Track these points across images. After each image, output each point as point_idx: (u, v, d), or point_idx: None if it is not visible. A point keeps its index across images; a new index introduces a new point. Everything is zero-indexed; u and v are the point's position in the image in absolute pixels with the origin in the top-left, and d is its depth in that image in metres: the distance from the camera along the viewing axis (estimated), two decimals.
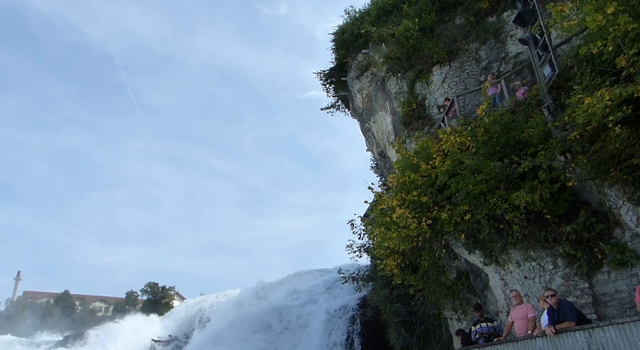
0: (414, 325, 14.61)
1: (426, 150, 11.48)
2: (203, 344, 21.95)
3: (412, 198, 10.80)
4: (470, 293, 11.75)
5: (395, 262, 12.16)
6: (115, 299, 75.13)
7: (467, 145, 10.42)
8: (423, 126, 15.35)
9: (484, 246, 9.80)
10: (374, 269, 16.77)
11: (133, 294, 69.22)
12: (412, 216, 10.63)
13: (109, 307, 73.85)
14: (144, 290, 68.40)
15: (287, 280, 28.35)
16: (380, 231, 11.51)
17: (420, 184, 10.97)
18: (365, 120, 21.26)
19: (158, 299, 65.10)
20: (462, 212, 9.86)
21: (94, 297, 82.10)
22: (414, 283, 12.24)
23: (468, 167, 9.77)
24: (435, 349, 13.45)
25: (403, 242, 10.91)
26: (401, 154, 12.24)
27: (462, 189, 9.84)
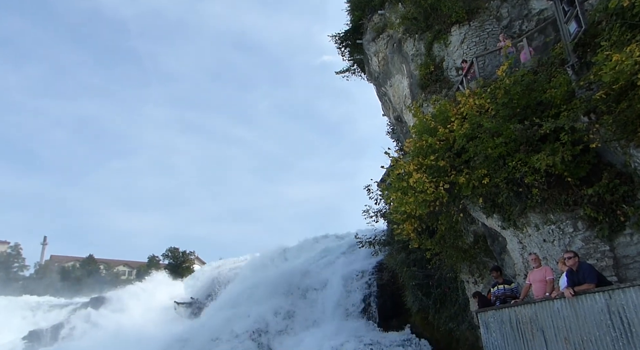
0: (430, 288, 14.77)
1: (444, 113, 11.23)
2: (223, 306, 22.63)
3: (429, 162, 10.68)
4: (487, 257, 11.76)
5: (412, 226, 12.17)
6: (138, 263, 77.70)
7: (487, 107, 10.16)
8: (441, 89, 14.97)
9: (502, 210, 9.71)
10: (391, 234, 16.86)
11: (155, 259, 71.41)
12: (429, 180, 10.55)
13: (132, 271, 76.49)
14: (165, 254, 70.51)
15: (305, 244, 28.75)
16: (397, 196, 11.47)
17: (438, 148, 10.81)
18: (381, 84, 20.85)
19: (179, 263, 67.10)
20: (481, 175, 9.73)
21: (118, 261, 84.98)
22: (430, 247, 12.26)
23: (487, 130, 9.55)
24: (452, 311, 13.62)
25: (420, 206, 10.88)
26: (418, 118, 12.02)
27: (480, 152, 9.67)
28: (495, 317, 8.50)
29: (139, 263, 76.27)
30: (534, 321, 7.38)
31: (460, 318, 13.22)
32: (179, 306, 31.91)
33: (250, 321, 18.19)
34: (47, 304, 38.21)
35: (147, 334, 25.24)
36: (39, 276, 66.35)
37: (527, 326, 7.54)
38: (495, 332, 8.45)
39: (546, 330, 7.14)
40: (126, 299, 33.20)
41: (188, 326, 23.13)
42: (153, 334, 24.56)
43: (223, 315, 20.05)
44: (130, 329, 27.63)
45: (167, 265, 67.80)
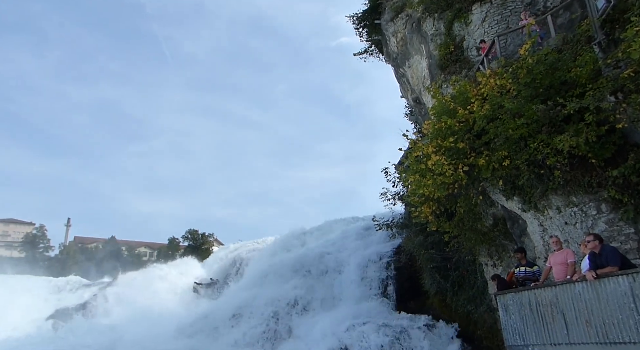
0: (448, 270, 14.74)
1: (464, 94, 11.03)
2: (242, 287, 23.01)
3: (448, 144, 10.54)
4: (506, 239, 11.65)
5: (430, 209, 12.11)
6: (158, 244, 79.45)
7: (508, 88, 9.93)
8: (461, 69, 14.67)
9: (522, 192, 9.56)
10: (408, 217, 16.80)
11: (175, 241, 72.87)
12: (448, 163, 10.43)
13: (153, 252, 78.23)
14: (185, 236, 71.90)
15: (323, 227, 28.89)
16: (415, 178, 11.39)
17: (457, 130, 10.65)
18: (399, 65, 20.53)
19: (198, 245, 68.36)
20: (501, 157, 9.58)
21: (139, 242, 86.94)
22: (449, 230, 12.18)
23: (508, 111, 9.36)
24: (470, 294, 13.59)
25: (438, 189, 10.79)
26: (437, 99, 11.83)
27: (501, 133, 9.49)
28: (515, 299, 8.45)
29: (159, 244, 78.01)
30: (555, 304, 7.31)
31: (479, 300, 13.19)
32: (198, 286, 32.59)
33: (268, 302, 18.47)
34: (72, 283, 39.38)
35: (168, 313, 25.90)
36: (64, 257, 68.32)
37: (547, 309, 7.48)
38: (514, 314, 8.41)
39: (567, 313, 7.07)
40: (148, 279, 34.01)
41: (208, 305, 23.65)
42: (174, 313, 25.20)
43: (242, 296, 20.40)
44: (153, 308, 28.38)
45: (187, 247, 69.20)
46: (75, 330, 25.60)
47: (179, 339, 17.86)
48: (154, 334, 18.93)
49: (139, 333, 19.50)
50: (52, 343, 19.56)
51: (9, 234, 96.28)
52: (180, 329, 19.05)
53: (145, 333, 19.45)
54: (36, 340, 21.90)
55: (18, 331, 24.56)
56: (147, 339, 17.83)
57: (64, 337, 22.41)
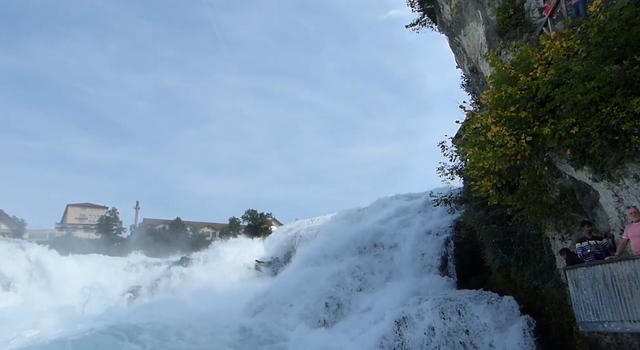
0: (511, 245, 14.21)
1: (525, 60, 10.38)
2: (301, 264, 23.51)
3: (509, 114, 10.04)
4: (576, 211, 11.00)
5: (491, 182, 11.67)
6: (220, 224, 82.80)
7: (576, 49, 9.22)
8: (521, 34, 13.79)
9: (593, 161, 8.94)
10: (468, 191, 16.32)
11: (235, 220, 75.62)
12: (510, 133, 9.97)
13: (216, 232, 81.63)
14: (245, 216, 74.43)
15: (379, 204, 28.76)
16: (474, 151, 11.01)
17: (519, 98, 10.10)
18: (454, 34, 19.65)
19: (257, 225, 70.54)
20: (568, 125, 8.99)
21: (202, 223, 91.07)
22: (511, 203, 11.70)
23: (576, 74, 8.71)
24: (536, 269, 13.06)
25: (499, 161, 10.37)
26: (496, 67, 11.23)
27: (568, 99, 8.88)
28: (587, 274, 8.02)
29: (221, 225, 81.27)
30: (633, 278, 6.87)
31: (546, 276, 12.65)
32: (260, 264, 33.70)
33: (327, 279, 18.79)
34: (143, 262, 41.92)
35: (233, 290, 27.09)
36: (134, 237, 72.88)
37: (624, 284, 7.04)
38: (586, 289, 8.00)
39: None
40: (212, 258, 35.64)
41: (269, 283, 24.44)
42: (238, 290, 26.32)
43: (301, 273, 20.89)
44: (217, 285, 29.78)
45: (247, 227, 71.61)
46: (147, 306, 27.40)
47: (245, 315, 18.65)
48: (221, 310, 19.88)
49: (207, 309, 20.54)
50: (128, 317, 21.07)
51: (85, 217, 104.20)
52: (246, 306, 19.87)
53: (213, 309, 20.46)
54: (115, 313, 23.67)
55: (98, 306, 26.69)
56: (216, 315, 18.76)
57: (138, 312, 24.01)
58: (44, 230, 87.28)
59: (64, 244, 54.60)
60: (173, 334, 15.20)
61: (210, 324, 16.86)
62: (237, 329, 16.22)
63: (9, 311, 24.49)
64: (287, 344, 15.33)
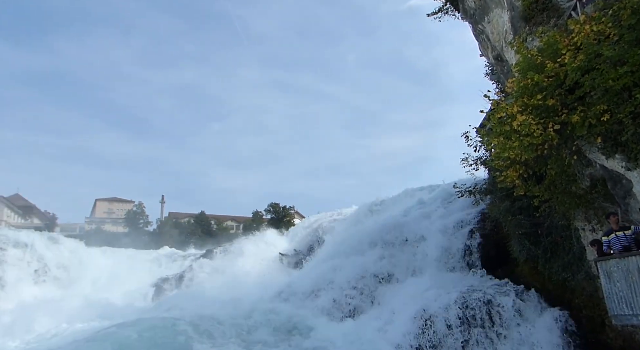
0: (539, 237, 13.90)
1: (553, 46, 10.07)
2: (324, 257, 23.56)
3: (535, 102, 9.78)
4: (607, 201, 10.66)
5: (517, 172, 11.44)
6: (243, 218, 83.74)
7: (607, 33, 8.89)
8: (548, 19, 13.36)
9: (626, 149, 8.64)
10: (493, 182, 16.01)
11: (258, 214, 76.25)
12: (536, 122, 9.72)
13: (239, 225, 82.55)
14: (267, 210, 75.05)
15: (402, 196, 28.55)
16: (499, 141, 10.79)
17: (546, 86, 9.82)
18: (477, 21, 19.19)
19: (280, 218, 71.01)
20: (599, 112, 8.70)
21: (226, 216, 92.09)
22: (538, 194, 11.42)
23: (608, 59, 8.41)
24: (565, 261, 12.75)
25: (526, 151, 10.15)
26: (522, 54, 10.93)
27: (599, 85, 8.59)
28: (620, 266, 7.79)
29: (244, 218, 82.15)
30: None
31: (576, 267, 12.34)
32: (283, 257, 33.93)
33: (350, 271, 18.79)
34: (170, 255, 42.67)
35: (257, 282, 27.36)
36: (160, 231, 74.20)
37: None
38: (619, 281, 7.77)
39: None
40: (236, 251, 36.07)
41: (293, 276, 24.61)
42: (262, 282, 26.57)
43: (325, 266, 20.94)
44: (242, 277, 30.13)
45: (270, 220, 72.17)
46: (175, 297, 27.95)
47: (270, 306, 18.83)
48: (246, 301, 20.13)
49: (232, 301, 20.81)
50: (156, 308, 21.59)
51: (113, 211, 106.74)
52: (271, 297, 20.07)
53: (238, 301, 20.72)
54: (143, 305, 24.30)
55: (128, 297, 27.44)
56: (241, 306, 19.03)
57: (166, 303, 24.54)
58: (74, 224, 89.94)
59: (93, 237, 56.05)
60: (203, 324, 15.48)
61: (235, 315, 17.10)
62: (263, 319, 16.42)
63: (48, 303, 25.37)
64: (312, 334, 15.44)
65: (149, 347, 13.40)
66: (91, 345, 13.69)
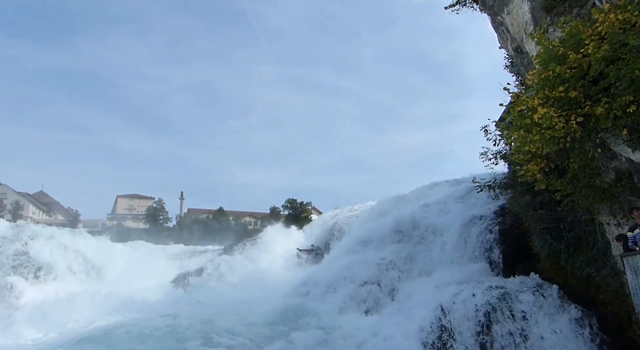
0: (561, 232, 13.63)
1: (576, 36, 9.81)
2: (342, 252, 23.58)
3: (557, 94, 9.55)
4: (633, 195, 10.38)
5: (538, 166, 11.23)
6: (261, 214, 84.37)
7: (633, 22, 8.63)
8: (571, 9, 13.02)
9: None
10: (513, 176, 15.76)
11: (276, 210, 76.74)
12: (558, 115, 9.49)
13: (257, 221, 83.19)
14: (285, 206, 75.40)
15: (419, 191, 28.35)
16: (519, 135, 10.58)
17: (568, 77, 9.58)
18: (497, 12, 18.83)
19: (297, 214, 71.26)
20: (625, 103, 8.46)
21: (244, 212, 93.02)
22: (560, 188, 11.17)
23: (634, 48, 8.17)
24: (589, 256, 12.47)
25: (547, 144, 9.94)
26: (543, 46, 10.68)
27: (624, 76, 8.35)
28: None
29: (262, 214, 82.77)
30: None
31: (600, 263, 12.06)
32: (301, 253, 34.07)
33: (369, 266, 18.77)
34: (190, 251, 43.26)
35: (276, 277, 27.57)
36: (180, 227, 75.25)
37: None
38: None
39: None
40: (255, 246, 36.34)
41: (311, 271, 24.68)
42: (281, 277, 26.77)
43: (343, 261, 20.95)
44: (261, 272, 30.39)
45: (287, 216, 72.46)
46: (195, 292, 28.34)
47: (289, 300, 18.95)
48: (266, 296, 20.32)
49: (252, 295, 21.03)
50: (177, 303, 21.93)
51: (134, 208, 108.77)
52: (290, 292, 20.19)
53: (258, 295, 20.92)
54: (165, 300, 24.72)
55: (151, 292, 27.97)
56: (261, 301, 19.20)
57: (186, 298, 24.91)
58: (97, 220, 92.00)
59: (114, 233, 57.14)
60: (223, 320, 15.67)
61: (253, 311, 17.27)
62: (282, 313, 16.53)
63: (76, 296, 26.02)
64: (331, 328, 15.47)
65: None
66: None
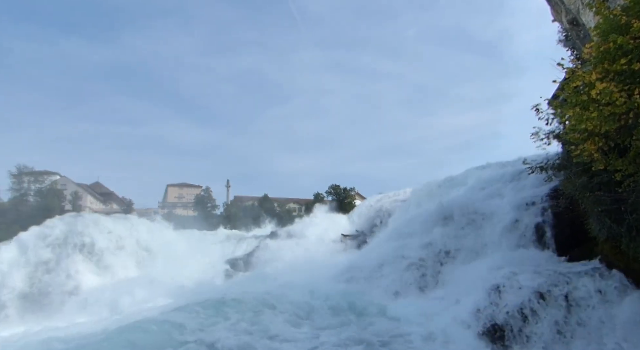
0: (622, 214, 12.87)
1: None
2: (387, 237, 23.46)
3: (619, 68, 8.99)
4: None
5: (596, 145, 10.66)
6: (305, 200, 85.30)
7: None
8: None
9: None
10: (567, 156, 15.02)
11: (320, 196, 77.40)
12: (620, 90, 8.96)
13: (301, 207, 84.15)
14: (328, 191, 75.94)
15: (467, 174, 27.62)
16: (574, 112, 10.09)
17: (631, 48, 8.98)
18: None
19: (341, 199, 71.54)
20: None
21: (288, 199, 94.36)
22: (621, 168, 10.54)
23: None
24: None
25: (606, 121, 9.41)
26: (603, 15, 10.03)
27: None
28: None
29: (306, 200, 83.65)
30: None
31: None
32: (345, 238, 34.23)
33: (416, 250, 18.57)
34: (236, 236, 44.48)
35: (321, 262, 27.87)
36: (227, 214, 77.36)
37: None
38: None
39: None
40: (300, 232, 36.87)
41: (356, 256, 24.76)
42: (325, 262, 27.03)
43: (388, 245, 20.84)
44: (306, 258, 30.83)
45: (331, 202, 72.85)
46: (243, 277, 29.21)
47: (335, 285, 19.09)
48: (311, 281, 20.57)
49: (298, 280, 21.35)
50: (227, 288, 22.67)
51: (183, 196, 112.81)
52: (335, 277, 20.35)
53: (303, 280, 21.22)
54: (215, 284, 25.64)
55: (203, 275, 29.19)
56: (307, 285, 19.47)
57: (235, 283, 25.70)
58: (149, 208, 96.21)
59: (166, 221, 59.50)
60: (270, 303, 16.00)
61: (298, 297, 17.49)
62: (326, 300, 16.66)
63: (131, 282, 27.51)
64: (378, 313, 15.49)
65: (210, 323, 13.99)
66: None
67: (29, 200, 71.89)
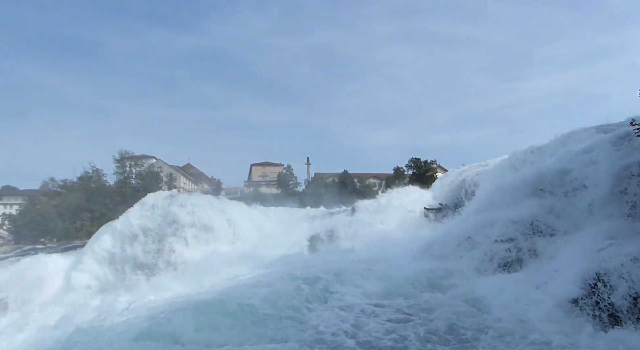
0: None
1: None
2: (473, 210, 22.50)
3: None
4: None
5: None
6: (385, 175, 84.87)
7: None
8: None
9: None
10: None
11: (400, 170, 76.47)
12: None
13: (382, 182, 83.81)
14: (409, 165, 74.66)
15: (559, 140, 25.36)
16: None
17: None
18: None
19: (422, 173, 70.01)
20: None
21: (368, 174, 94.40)
22: None
23: None
24: None
25: None
26: None
27: None
28: None
29: (386, 175, 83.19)
30: None
31: None
32: (428, 212, 33.44)
33: (504, 223, 17.50)
34: (318, 213, 45.42)
35: (403, 237, 27.53)
36: (308, 191, 79.28)
37: None
38: None
39: None
40: (381, 207, 36.63)
41: (440, 230, 24.04)
42: (408, 237, 26.65)
43: (475, 219, 19.88)
44: (387, 233, 30.64)
45: (412, 175, 71.56)
46: (326, 252, 29.81)
47: (418, 261, 18.75)
48: (394, 256, 20.40)
49: (380, 255, 21.29)
50: (311, 261, 23.30)
51: (266, 175, 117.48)
52: (419, 252, 19.98)
53: (386, 255, 21.11)
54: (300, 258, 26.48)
55: (288, 249, 30.34)
56: (390, 261, 19.35)
57: (319, 257, 26.32)
58: (236, 187, 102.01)
59: (251, 198, 62.26)
60: (355, 277, 16.14)
61: (386, 269, 17.41)
62: (412, 274, 16.41)
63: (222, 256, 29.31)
64: (461, 288, 14.95)
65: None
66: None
67: (131, 182, 79.01)
